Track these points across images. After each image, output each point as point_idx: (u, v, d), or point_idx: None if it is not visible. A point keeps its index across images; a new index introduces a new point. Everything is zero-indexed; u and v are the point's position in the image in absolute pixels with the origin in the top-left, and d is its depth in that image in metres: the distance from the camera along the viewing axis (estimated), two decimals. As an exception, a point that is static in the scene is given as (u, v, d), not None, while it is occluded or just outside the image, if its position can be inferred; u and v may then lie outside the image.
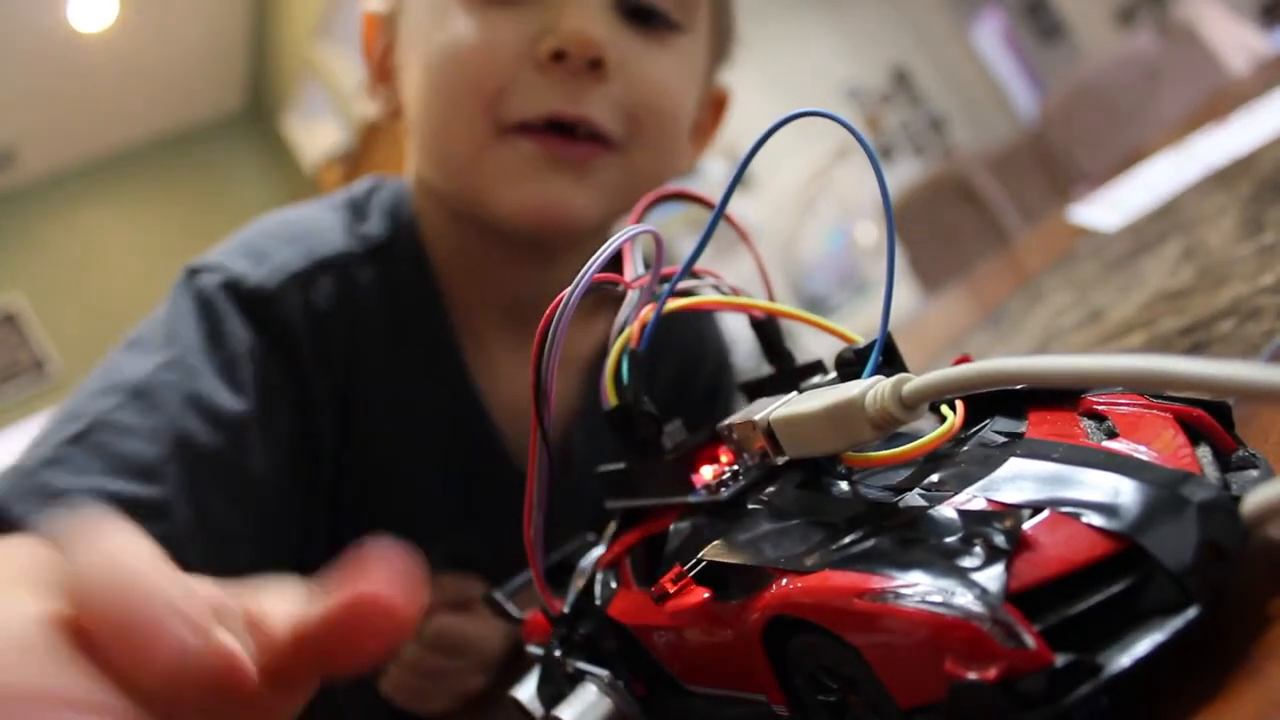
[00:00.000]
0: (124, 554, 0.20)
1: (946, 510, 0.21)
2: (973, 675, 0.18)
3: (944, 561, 0.19)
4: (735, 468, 0.27)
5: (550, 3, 0.48)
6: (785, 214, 3.54)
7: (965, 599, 0.18)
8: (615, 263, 0.28)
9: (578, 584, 0.32)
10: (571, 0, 0.47)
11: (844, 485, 0.25)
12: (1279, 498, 0.19)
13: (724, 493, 0.26)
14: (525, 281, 0.56)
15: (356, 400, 0.53)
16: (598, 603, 0.30)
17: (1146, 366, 0.18)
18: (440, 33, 0.49)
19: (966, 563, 0.19)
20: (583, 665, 0.29)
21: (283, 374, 0.50)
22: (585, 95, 0.48)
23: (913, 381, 0.22)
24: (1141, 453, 0.21)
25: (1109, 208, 0.76)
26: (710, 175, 2.65)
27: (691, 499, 0.27)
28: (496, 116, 0.49)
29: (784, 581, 0.22)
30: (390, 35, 0.54)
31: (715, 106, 0.62)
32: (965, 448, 0.24)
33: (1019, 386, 0.25)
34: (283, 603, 0.23)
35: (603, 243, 0.29)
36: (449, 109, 0.50)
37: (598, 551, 0.33)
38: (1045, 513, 0.19)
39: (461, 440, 0.56)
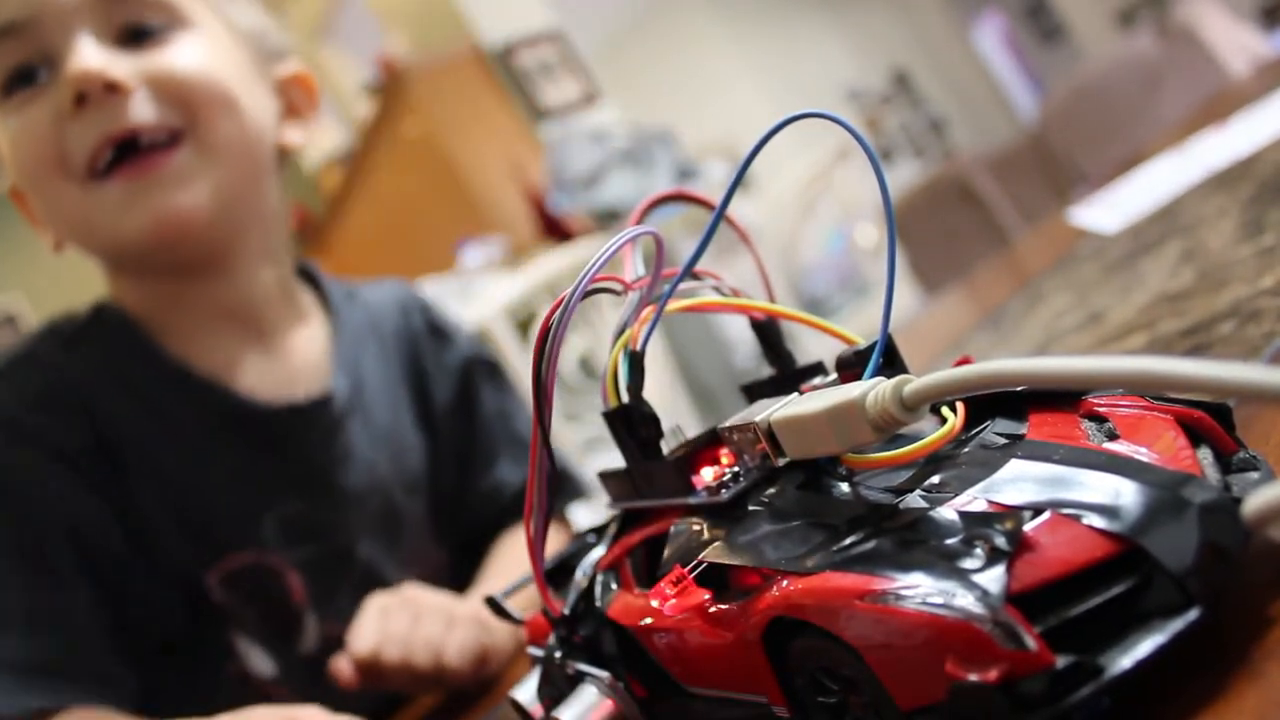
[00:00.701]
0: None
1: (947, 512, 0.21)
2: (973, 677, 0.18)
3: (945, 563, 0.19)
4: (736, 469, 0.27)
5: (59, 69, 0.53)
6: (786, 215, 3.54)
7: (966, 600, 0.18)
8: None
9: (578, 585, 0.32)
10: (67, 54, 0.52)
11: (845, 487, 0.25)
12: (1279, 500, 0.19)
13: (724, 494, 0.26)
14: (223, 289, 0.61)
15: (124, 452, 0.57)
16: (598, 604, 0.30)
17: (1147, 368, 0.18)
18: (2, 143, 0.55)
19: (967, 564, 0.19)
20: (583, 666, 0.29)
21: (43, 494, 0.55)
22: (123, 112, 0.52)
23: (914, 383, 0.22)
24: (1142, 454, 0.21)
25: (1109, 209, 0.76)
26: (711, 176, 2.65)
27: (692, 500, 0.27)
28: (72, 174, 0.54)
29: (785, 583, 0.22)
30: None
31: (301, 86, 0.66)
32: (966, 449, 0.24)
33: (1020, 388, 0.25)
34: None
35: (255, 218, 0.30)
36: (40, 194, 0.56)
37: (598, 553, 0.33)
38: (1046, 514, 0.19)
39: (228, 425, 0.60)
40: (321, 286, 0.70)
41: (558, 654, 0.31)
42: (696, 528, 0.27)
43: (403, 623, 0.54)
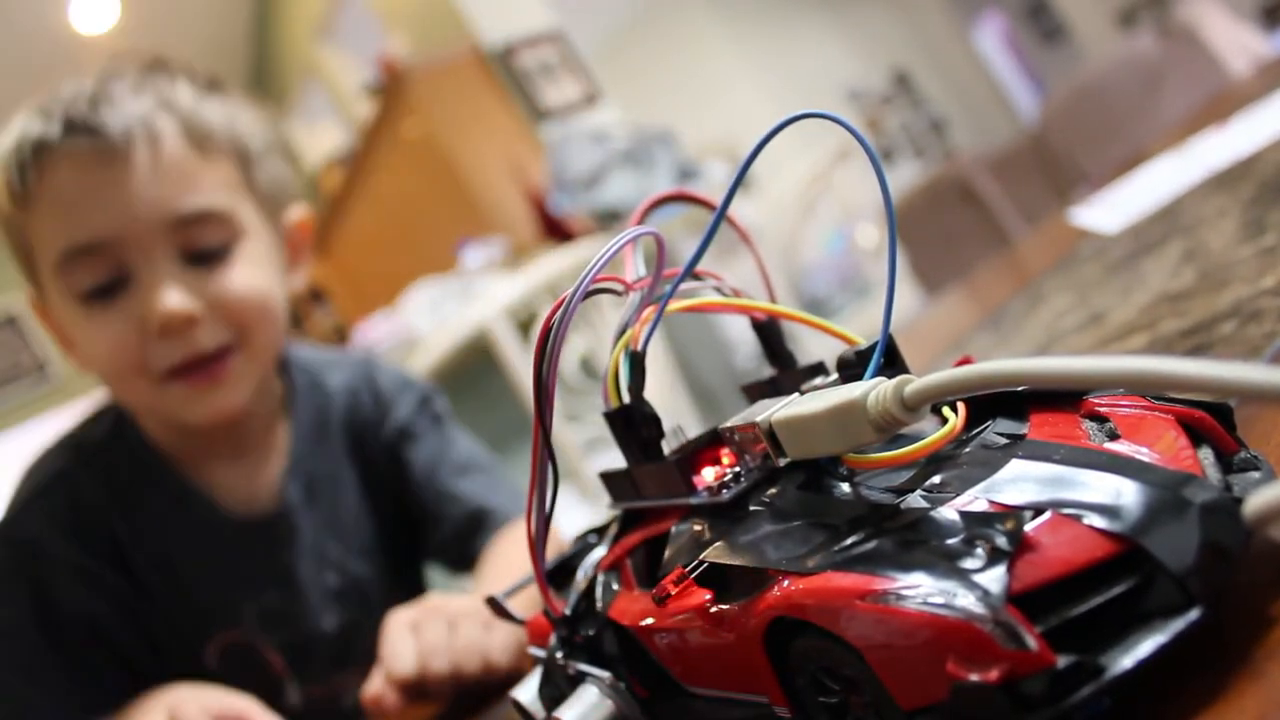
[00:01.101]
0: None
1: (948, 512, 0.21)
2: (975, 677, 0.18)
3: (946, 563, 0.19)
4: (737, 469, 0.27)
5: (138, 286, 0.63)
6: (786, 216, 3.54)
7: (967, 600, 0.18)
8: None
9: (579, 586, 0.32)
10: (150, 284, 0.62)
11: (846, 487, 0.25)
12: (1281, 499, 0.19)
13: (725, 494, 0.26)
14: (227, 431, 0.72)
15: (131, 554, 0.70)
16: (599, 605, 0.30)
17: (1148, 368, 0.18)
18: (82, 337, 0.66)
19: (968, 564, 0.19)
20: (584, 667, 0.29)
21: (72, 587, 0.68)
22: (196, 336, 0.64)
23: (915, 383, 0.22)
24: (1143, 454, 0.21)
25: (1110, 210, 0.76)
26: (711, 177, 2.65)
27: (693, 500, 0.27)
28: (151, 375, 0.65)
29: (786, 583, 0.22)
30: (54, 317, 0.69)
31: (301, 232, 0.78)
32: (967, 449, 0.24)
33: (1020, 388, 0.25)
34: None
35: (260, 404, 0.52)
36: (119, 386, 0.69)
37: (599, 553, 0.33)
38: (1047, 514, 0.19)
39: (216, 533, 0.72)
40: (291, 380, 0.80)
41: (559, 654, 0.31)
42: (697, 528, 0.27)
43: (439, 632, 0.56)
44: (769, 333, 0.33)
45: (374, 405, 0.82)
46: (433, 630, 0.56)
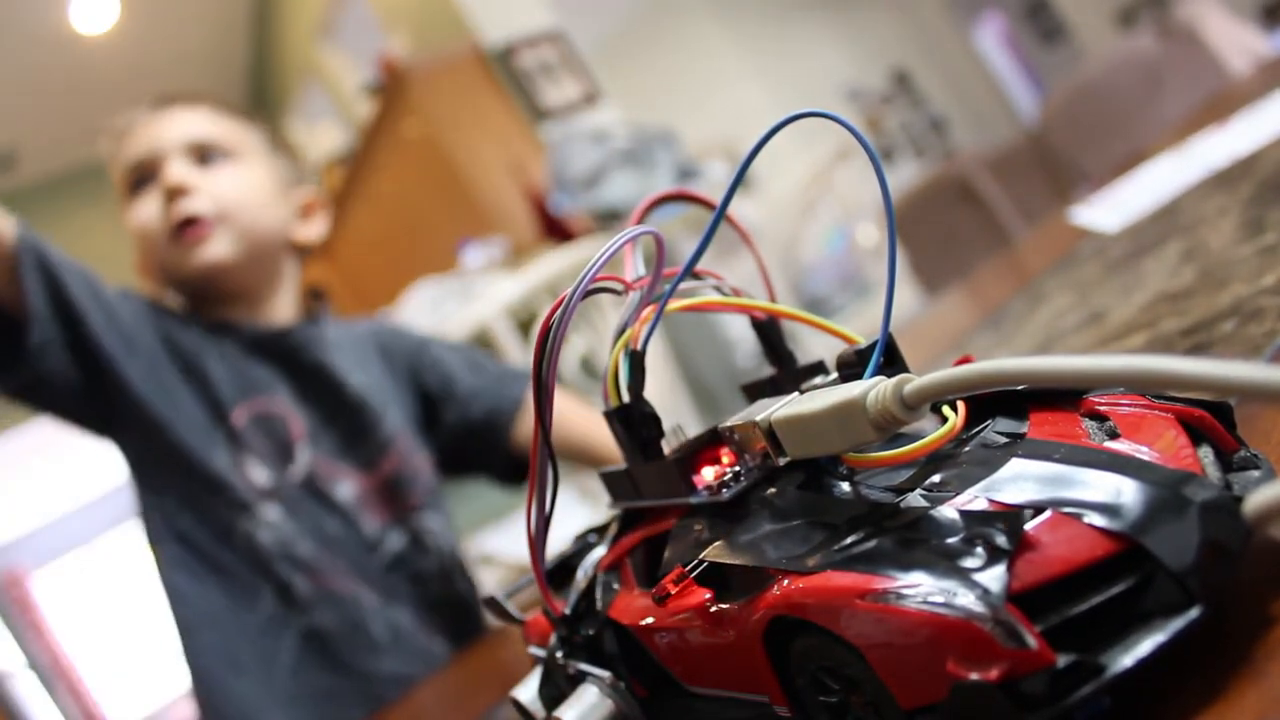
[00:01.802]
0: None
1: (948, 511, 0.21)
2: (975, 676, 0.18)
3: (946, 562, 0.19)
4: (736, 468, 0.27)
5: (161, 176, 0.92)
6: (786, 215, 3.54)
7: (967, 599, 0.18)
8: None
9: (579, 585, 0.32)
10: (166, 171, 0.91)
11: (845, 486, 0.25)
12: (1281, 498, 0.19)
13: (725, 493, 0.26)
14: (228, 289, 0.95)
15: (191, 352, 0.94)
16: (599, 604, 0.30)
17: (1148, 367, 0.18)
18: (134, 220, 0.93)
19: (968, 563, 0.19)
20: (584, 666, 0.29)
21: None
22: (189, 202, 0.90)
23: (914, 382, 0.22)
24: (1143, 453, 0.21)
25: (1110, 209, 0.76)
26: (711, 176, 2.65)
27: (693, 500, 0.27)
28: (163, 234, 0.91)
29: (785, 582, 0.22)
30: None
31: (311, 204, 1.03)
32: (967, 448, 0.24)
33: (1020, 387, 0.25)
34: None
35: (270, 276, 0.94)
36: (149, 246, 0.93)
37: (599, 553, 0.33)
38: (1047, 513, 0.19)
39: (241, 336, 0.95)
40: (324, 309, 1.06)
41: (559, 654, 0.31)
42: (697, 527, 0.27)
43: None
44: (769, 332, 0.33)
45: (393, 331, 1.08)
46: None
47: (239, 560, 0.86)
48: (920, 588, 0.19)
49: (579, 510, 1.71)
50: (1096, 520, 0.19)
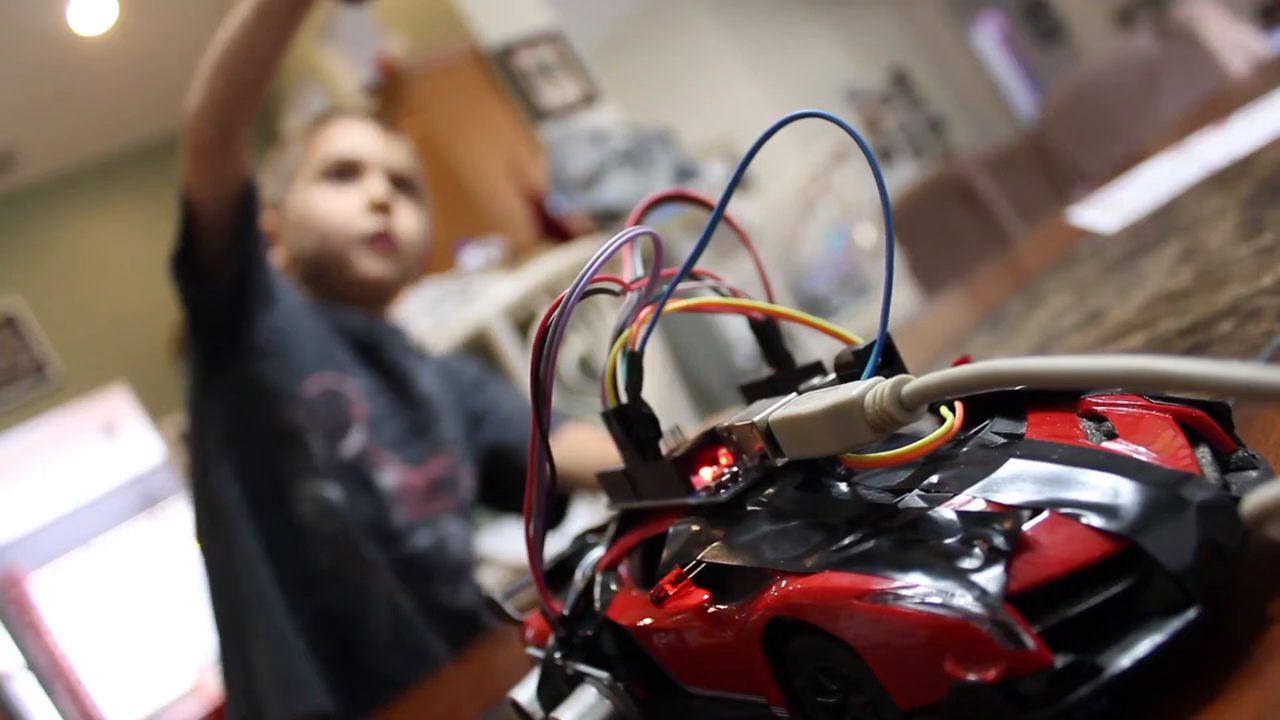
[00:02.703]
0: None
1: (946, 511, 0.21)
2: (973, 676, 0.18)
3: (944, 563, 0.19)
4: (734, 469, 0.27)
5: (364, 181, 1.01)
6: (784, 215, 3.54)
7: (965, 600, 0.18)
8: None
9: (577, 586, 0.32)
10: (373, 183, 1.00)
11: (843, 486, 0.25)
12: (1278, 498, 0.19)
13: (723, 494, 0.26)
14: (367, 300, 1.04)
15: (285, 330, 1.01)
16: (597, 605, 0.30)
17: (1146, 367, 0.18)
18: (321, 204, 1.00)
19: (966, 564, 0.19)
20: (582, 667, 0.29)
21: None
22: (388, 219, 1.00)
23: (912, 382, 0.22)
24: (1141, 454, 0.21)
25: (1108, 209, 0.76)
26: (710, 176, 2.65)
27: (691, 500, 0.27)
28: (353, 235, 0.99)
29: (784, 583, 0.22)
30: (278, 219, 1.03)
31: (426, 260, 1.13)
32: (965, 449, 0.24)
33: (1018, 387, 0.25)
34: None
35: (389, 302, 1.07)
36: (333, 233, 0.99)
37: (597, 553, 0.33)
38: (1045, 514, 0.19)
39: (334, 322, 1.03)
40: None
41: (557, 655, 0.31)
42: (695, 528, 0.27)
43: None
44: (767, 332, 0.33)
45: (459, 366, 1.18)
46: None
47: (283, 522, 0.92)
48: (918, 588, 0.19)
49: (578, 510, 1.71)
50: (1094, 521, 0.19)
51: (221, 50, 0.87)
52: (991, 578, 0.18)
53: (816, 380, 0.29)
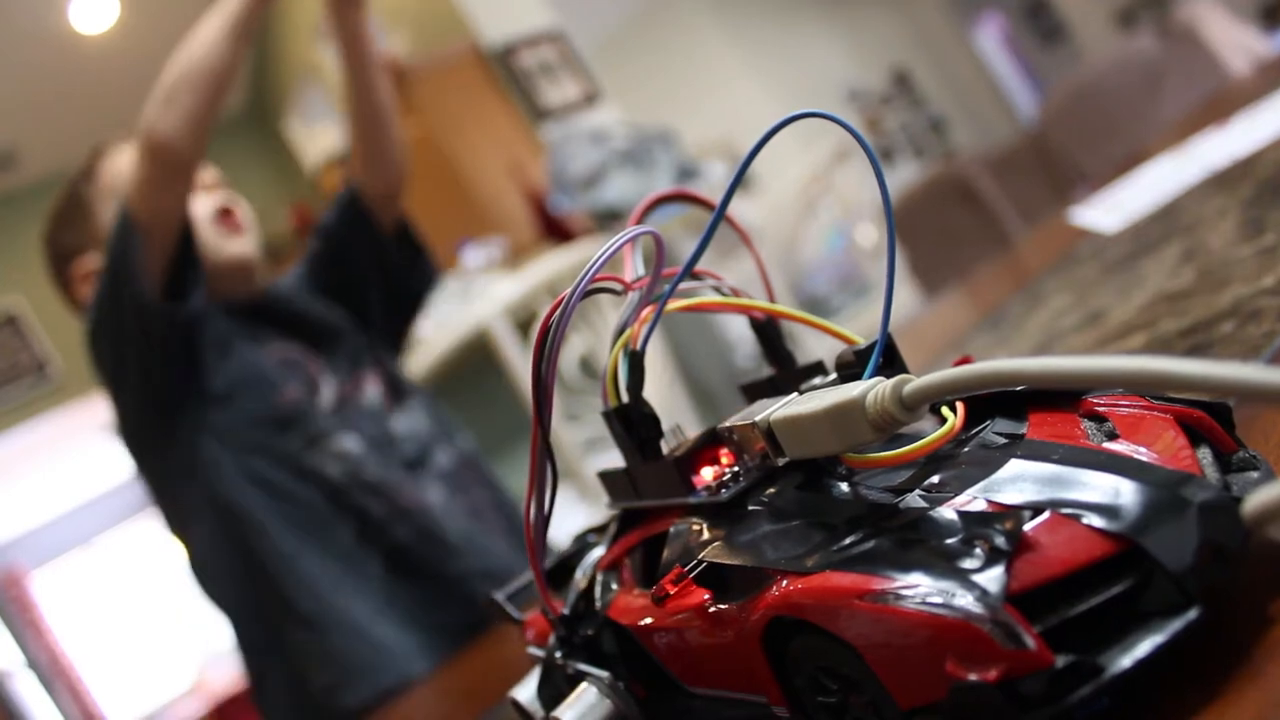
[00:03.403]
0: None
1: (947, 511, 0.21)
2: (973, 676, 0.18)
3: (944, 563, 0.19)
4: (735, 469, 0.27)
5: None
6: (786, 215, 3.54)
7: (966, 600, 0.18)
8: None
9: (578, 585, 0.32)
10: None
11: (844, 486, 0.25)
12: (1279, 499, 0.19)
13: (724, 494, 0.26)
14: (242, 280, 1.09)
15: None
16: (598, 604, 0.30)
17: (1147, 367, 0.18)
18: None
19: (967, 564, 0.19)
20: (583, 666, 0.29)
21: None
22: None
23: (913, 382, 0.22)
24: (1142, 454, 0.21)
25: (1109, 209, 0.76)
26: (711, 176, 2.65)
27: (692, 500, 0.27)
28: (209, 219, 1.05)
29: (784, 583, 0.22)
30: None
31: None
32: (966, 449, 0.24)
33: (1019, 388, 0.25)
34: None
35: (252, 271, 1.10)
36: (203, 230, 1.05)
37: (598, 553, 0.33)
38: (1046, 514, 0.19)
39: (249, 310, 1.10)
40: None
41: (558, 654, 0.31)
42: (696, 527, 0.27)
43: None
44: (768, 332, 0.33)
45: None
46: None
47: (315, 494, 0.98)
48: (919, 588, 0.19)
49: (578, 510, 1.71)
50: (1095, 521, 0.19)
51: (197, 69, 0.93)
52: (992, 578, 0.18)
53: (818, 380, 0.29)
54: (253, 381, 1.00)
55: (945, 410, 0.24)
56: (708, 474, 0.28)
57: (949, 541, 0.20)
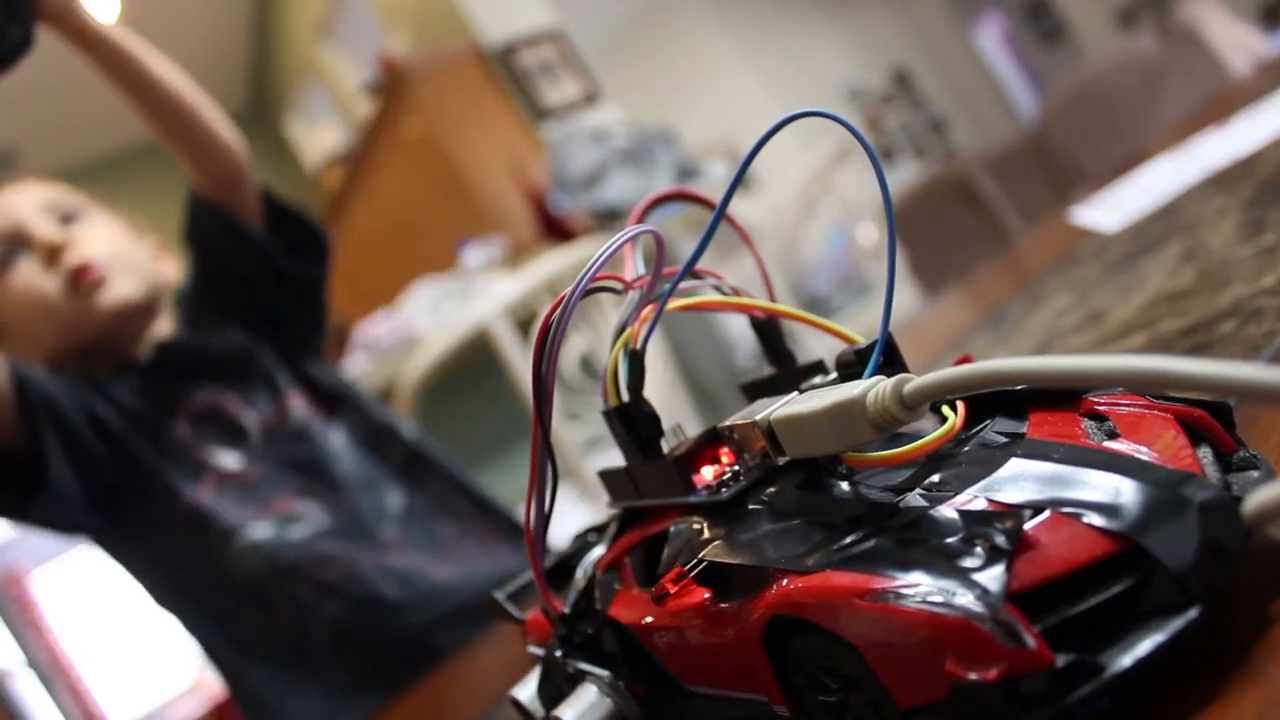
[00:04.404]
0: None
1: (947, 510, 0.21)
2: (974, 675, 0.18)
3: (945, 562, 0.19)
4: (736, 468, 0.27)
5: (31, 244, 0.92)
6: (786, 215, 3.54)
7: (966, 599, 0.18)
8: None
9: (578, 584, 0.32)
10: (37, 232, 0.92)
11: (845, 485, 0.25)
12: (1279, 499, 0.19)
13: (725, 493, 0.26)
14: (122, 331, 0.98)
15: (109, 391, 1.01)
16: (598, 603, 0.30)
17: (1147, 366, 0.18)
18: (9, 300, 0.94)
19: (967, 563, 0.19)
20: (583, 666, 0.29)
21: None
22: (73, 254, 0.92)
23: (914, 381, 0.22)
24: (1142, 453, 0.21)
25: (1110, 209, 0.76)
26: (711, 176, 2.65)
27: (692, 499, 0.27)
28: (55, 298, 0.93)
29: (785, 582, 0.22)
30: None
31: (161, 248, 1.08)
32: (966, 448, 0.24)
33: (1020, 387, 0.25)
34: None
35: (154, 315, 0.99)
36: (44, 320, 0.94)
37: (598, 552, 0.33)
38: (1046, 513, 0.19)
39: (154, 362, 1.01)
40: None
41: (558, 653, 0.31)
42: (696, 526, 0.27)
43: None
44: (768, 331, 0.33)
45: None
46: None
47: (242, 599, 0.92)
48: (919, 587, 0.19)
49: (578, 509, 1.71)
50: (1096, 520, 0.19)
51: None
52: (993, 577, 0.18)
53: (818, 379, 0.29)
54: (157, 490, 0.92)
55: (946, 409, 0.24)
56: (708, 473, 0.28)
57: (949, 540, 0.20)
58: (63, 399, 0.89)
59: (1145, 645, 0.18)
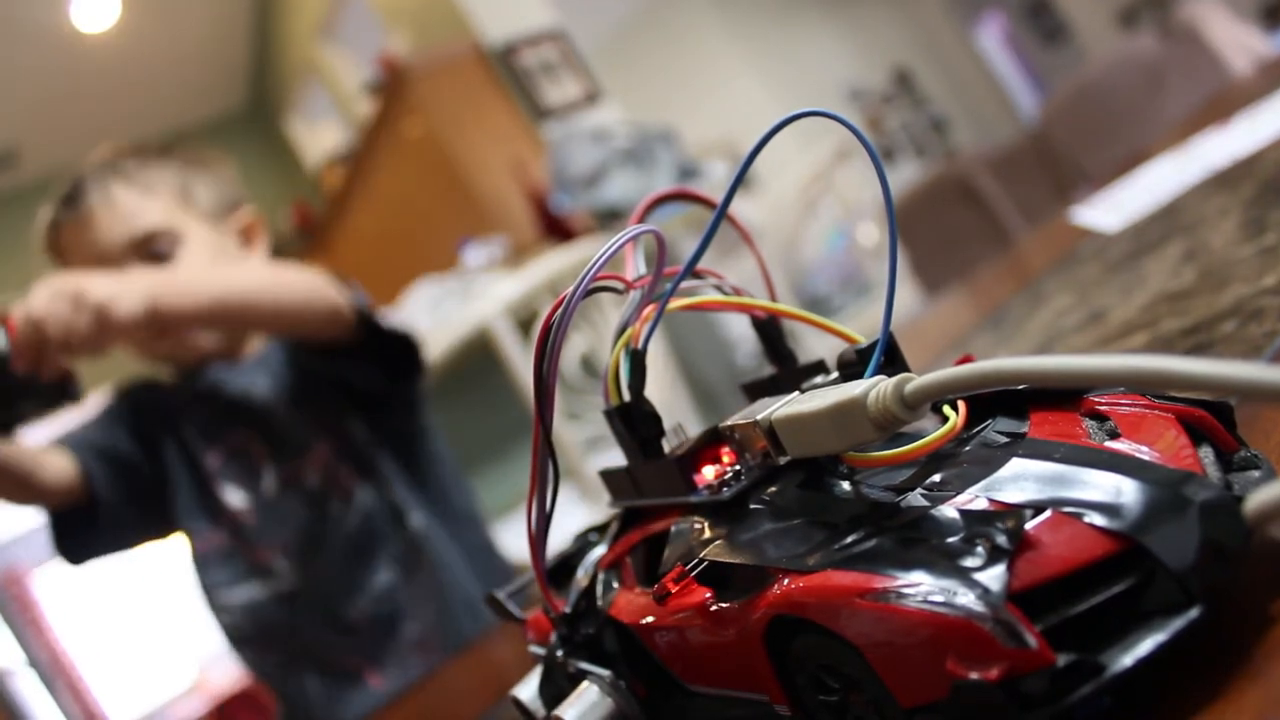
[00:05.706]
0: None
1: (948, 510, 0.21)
2: (975, 675, 0.18)
3: (946, 561, 0.19)
4: (737, 468, 0.27)
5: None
6: (787, 215, 3.53)
7: (967, 599, 0.18)
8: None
9: (579, 584, 0.32)
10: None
11: (846, 485, 0.25)
12: (1281, 498, 0.19)
13: (726, 493, 0.26)
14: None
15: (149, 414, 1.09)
16: (599, 603, 0.30)
17: (1148, 366, 0.18)
18: None
19: (969, 563, 0.19)
20: (584, 665, 0.29)
21: None
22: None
23: (915, 381, 0.22)
24: (1143, 453, 0.21)
25: (1111, 209, 0.76)
26: (712, 175, 2.65)
27: (693, 499, 0.27)
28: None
29: (786, 581, 0.22)
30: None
31: (249, 229, 1.08)
32: (967, 448, 0.24)
33: (1021, 386, 0.25)
34: None
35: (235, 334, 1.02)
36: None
37: (599, 551, 0.33)
38: (1047, 513, 0.19)
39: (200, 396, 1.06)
40: None
41: (559, 652, 0.31)
42: (698, 526, 0.27)
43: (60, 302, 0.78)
44: (769, 331, 0.33)
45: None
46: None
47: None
48: (920, 587, 0.19)
49: (579, 509, 1.71)
50: (1097, 520, 0.19)
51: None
52: (994, 576, 0.18)
53: (819, 379, 0.29)
54: (188, 522, 1.01)
55: (947, 409, 0.24)
56: (709, 473, 0.28)
57: (950, 540, 0.20)
58: (111, 438, 0.98)
59: (1146, 645, 0.18)
